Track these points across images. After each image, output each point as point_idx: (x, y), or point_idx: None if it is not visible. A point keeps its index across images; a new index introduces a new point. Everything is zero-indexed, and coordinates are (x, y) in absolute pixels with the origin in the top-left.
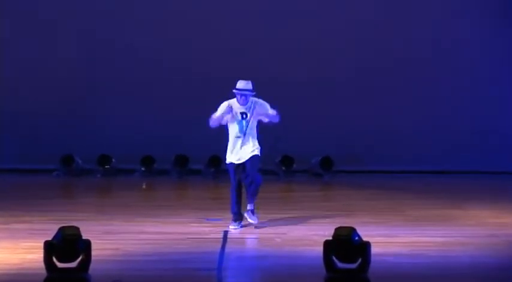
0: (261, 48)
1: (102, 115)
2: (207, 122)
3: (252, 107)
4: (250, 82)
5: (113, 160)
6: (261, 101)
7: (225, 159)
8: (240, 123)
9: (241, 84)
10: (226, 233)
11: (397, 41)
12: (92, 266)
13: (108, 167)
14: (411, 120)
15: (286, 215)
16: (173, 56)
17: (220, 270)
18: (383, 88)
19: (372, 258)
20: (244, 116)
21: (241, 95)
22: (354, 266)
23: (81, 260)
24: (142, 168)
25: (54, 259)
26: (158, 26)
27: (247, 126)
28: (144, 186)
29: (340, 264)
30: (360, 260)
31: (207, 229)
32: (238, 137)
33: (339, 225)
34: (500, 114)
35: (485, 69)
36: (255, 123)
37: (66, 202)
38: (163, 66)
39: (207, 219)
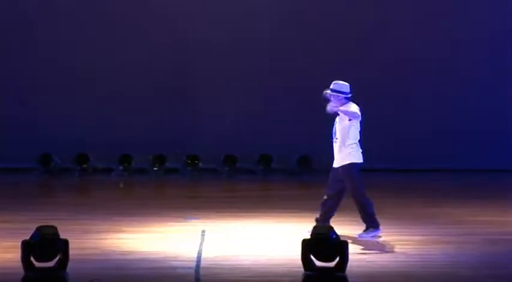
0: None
1: (80, 114)
2: None
3: (342, 112)
4: (344, 84)
5: (91, 159)
6: (345, 109)
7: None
8: (333, 124)
9: (333, 84)
10: (204, 232)
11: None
12: (70, 265)
13: (86, 166)
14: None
15: (264, 214)
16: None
17: (198, 269)
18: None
19: (350, 257)
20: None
21: (330, 95)
22: (331, 264)
23: (59, 259)
24: (120, 167)
25: (32, 258)
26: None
27: (336, 130)
28: (121, 185)
29: (318, 263)
30: (337, 259)
31: (185, 228)
32: (332, 139)
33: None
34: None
35: (499, 69)
36: (346, 128)
37: (45, 201)
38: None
39: (187, 219)
